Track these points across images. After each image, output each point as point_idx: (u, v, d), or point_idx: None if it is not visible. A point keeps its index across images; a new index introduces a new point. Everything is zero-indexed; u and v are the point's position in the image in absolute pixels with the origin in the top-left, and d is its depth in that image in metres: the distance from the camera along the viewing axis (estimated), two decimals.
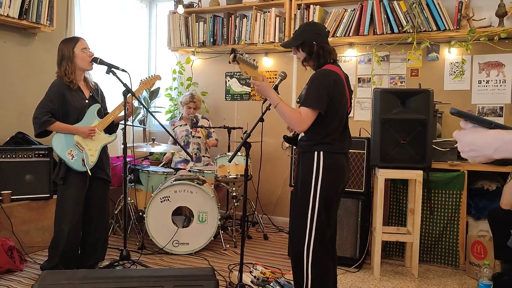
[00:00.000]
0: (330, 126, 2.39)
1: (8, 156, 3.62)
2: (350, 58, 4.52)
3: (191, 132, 4.63)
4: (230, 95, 5.16)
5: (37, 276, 3.18)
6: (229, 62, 2.46)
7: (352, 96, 2.61)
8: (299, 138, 2.56)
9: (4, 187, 3.57)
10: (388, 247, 3.81)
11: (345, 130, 2.48)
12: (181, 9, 4.92)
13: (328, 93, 2.34)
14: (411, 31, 3.93)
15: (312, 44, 2.47)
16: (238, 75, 5.10)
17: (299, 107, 2.42)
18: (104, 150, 3.26)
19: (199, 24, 4.96)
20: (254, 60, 2.45)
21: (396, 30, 4.01)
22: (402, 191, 3.73)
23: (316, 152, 2.39)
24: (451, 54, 4.08)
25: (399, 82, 4.34)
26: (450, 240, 3.58)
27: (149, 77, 3.47)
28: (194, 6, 5.04)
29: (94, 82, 3.33)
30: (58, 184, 3.14)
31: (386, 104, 3.38)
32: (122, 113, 3.26)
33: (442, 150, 3.58)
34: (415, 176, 3.37)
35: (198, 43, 4.97)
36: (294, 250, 2.48)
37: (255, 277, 3.03)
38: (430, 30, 3.89)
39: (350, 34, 4.22)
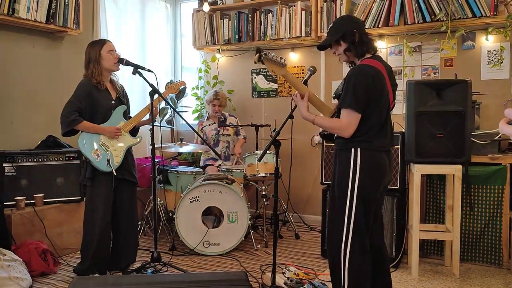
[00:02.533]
0: (368, 124, 2.28)
1: (40, 159, 3.66)
2: (380, 50, 4.35)
3: (219, 131, 4.58)
4: (256, 92, 5.08)
5: (70, 279, 3.20)
6: (255, 62, 2.41)
7: (396, 88, 2.49)
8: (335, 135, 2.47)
9: (37, 190, 3.61)
10: (426, 245, 3.66)
11: (385, 126, 2.36)
12: (206, 7, 4.87)
13: (366, 91, 2.24)
14: (445, 19, 3.75)
15: (354, 32, 2.37)
16: (265, 72, 5.01)
17: (338, 104, 2.36)
18: (129, 152, 3.24)
19: (223, 21, 4.90)
20: (282, 58, 2.39)
21: (428, 18, 3.84)
22: (439, 187, 3.57)
23: (353, 149, 2.29)
24: (488, 42, 3.88)
25: (432, 73, 4.17)
26: (493, 238, 3.40)
27: (174, 82, 3.49)
28: (218, 3, 4.99)
29: (120, 85, 3.32)
30: (86, 186, 3.15)
31: (420, 96, 3.24)
32: (145, 118, 3.26)
33: (481, 143, 3.40)
34: (454, 171, 3.21)
35: (223, 40, 4.91)
36: (331, 253, 2.40)
37: (288, 278, 2.96)
38: (465, 17, 3.71)
39: (380, 26, 4.07)
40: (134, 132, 3.28)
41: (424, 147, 3.24)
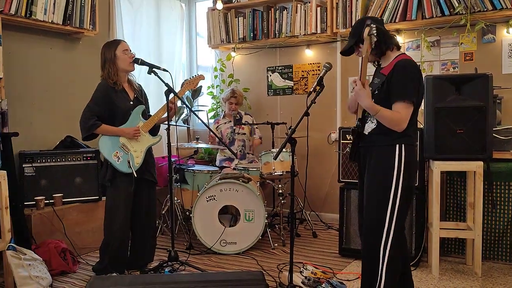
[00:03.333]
0: (412, 119, 2.32)
1: (58, 160, 3.71)
2: None
3: (235, 129, 4.57)
4: (272, 90, 5.06)
5: (89, 278, 3.22)
6: (364, 36, 2.30)
7: None
8: (367, 131, 2.42)
9: (56, 190, 3.66)
10: (446, 244, 3.58)
11: (417, 123, 2.45)
12: (219, 5, 4.87)
13: (418, 85, 2.29)
14: (464, 12, 3.67)
15: None
16: (280, 70, 4.98)
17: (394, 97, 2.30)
18: (149, 151, 3.26)
19: (238, 19, 4.88)
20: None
21: (447, 12, 3.76)
22: (460, 184, 3.50)
23: (397, 145, 2.30)
24: (509, 35, 3.77)
25: (451, 68, 4.08)
26: None
27: (192, 77, 3.43)
28: (233, 1, 4.97)
29: (138, 84, 3.33)
30: (106, 186, 3.17)
31: (439, 92, 3.17)
32: (165, 115, 3.24)
33: (503, 139, 3.32)
34: (474, 167, 3.14)
35: (238, 39, 4.90)
36: (369, 248, 2.38)
37: (306, 277, 2.93)
38: (485, 10, 3.62)
39: (397, 20, 4.00)
40: (154, 131, 3.29)
41: (444, 144, 3.17)
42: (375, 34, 2.25)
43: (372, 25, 2.26)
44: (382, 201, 2.30)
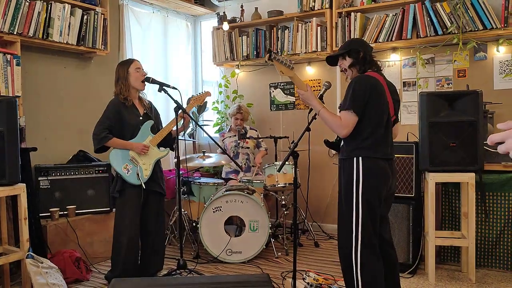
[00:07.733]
0: (366, 131, 2.43)
1: (72, 173, 3.90)
2: (394, 63, 4.50)
3: (239, 143, 4.76)
4: (275, 105, 5.26)
5: (102, 285, 3.39)
6: (265, 61, 2.62)
7: (400, 105, 2.63)
8: (341, 144, 2.63)
9: (69, 202, 3.84)
10: (443, 252, 3.74)
11: (386, 136, 2.49)
12: (226, 26, 5.08)
13: (364, 96, 2.41)
14: (456, 32, 3.88)
15: (359, 50, 2.57)
16: (282, 86, 5.19)
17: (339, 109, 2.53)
18: (157, 164, 3.43)
19: (242, 38, 5.11)
20: (291, 62, 2.58)
21: (440, 32, 3.97)
22: (454, 195, 3.67)
23: (355, 158, 2.44)
24: (500, 53, 3.98)
25: (445, 84, 4.28)
26: (509, 243, 3.47)
27: (199, 93, 3.63)
28: (237, 21, 5.20)
29: (148, 101, 3.53)
30: (115, 197, 3.35)
31: (433, 107, 3.36)
32: (174, 129, 3.43)
33: (495, 151, 3.49)
34: (467, 178, 3.31)
35: (242, 56, 5.12)
36: (342, 256, 2.55)
37: (308, 283, 3.09)
38: (476, 29, 3.83)
39: (393, 39, 4.22)
40: (167, 143, 3.47)
41: (438, 156, 3.35)
42: (272, 59, 2.49)
43: (273, 53, 2.50)
44: (348, 210, 2.47)
